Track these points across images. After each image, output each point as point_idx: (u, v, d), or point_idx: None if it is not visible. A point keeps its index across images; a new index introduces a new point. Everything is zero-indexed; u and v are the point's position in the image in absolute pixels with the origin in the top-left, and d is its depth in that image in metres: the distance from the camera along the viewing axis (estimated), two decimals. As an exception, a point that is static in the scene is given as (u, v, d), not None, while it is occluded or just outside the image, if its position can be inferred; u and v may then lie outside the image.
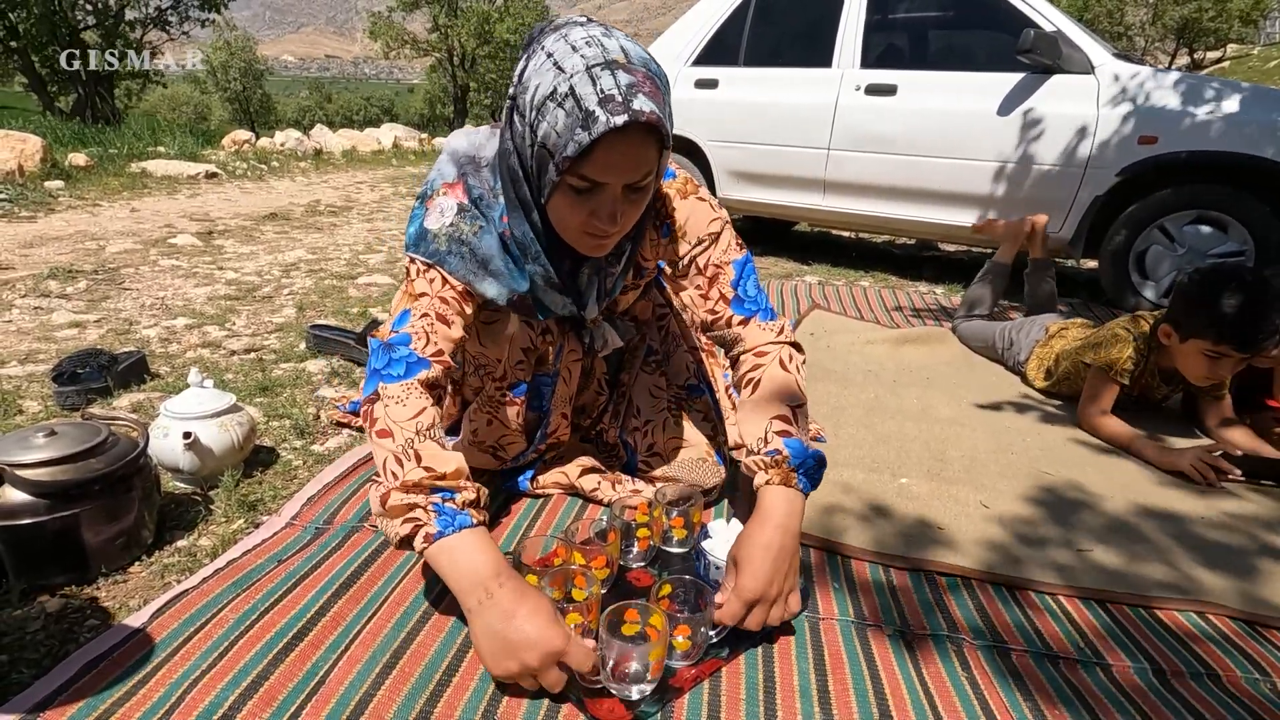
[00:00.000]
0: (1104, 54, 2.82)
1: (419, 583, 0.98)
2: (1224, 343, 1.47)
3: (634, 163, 0.86)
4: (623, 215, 0.90)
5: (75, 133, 7.31)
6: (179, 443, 1.18)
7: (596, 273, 1.06)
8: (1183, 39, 22.25)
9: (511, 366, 1.11)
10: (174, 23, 17.22)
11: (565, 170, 0.85)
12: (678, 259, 1.11)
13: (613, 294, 1.10)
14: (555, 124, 0.83)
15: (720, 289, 1.10)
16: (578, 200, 0.89)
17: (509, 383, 1.12)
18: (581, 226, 0.92)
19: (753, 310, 1.10)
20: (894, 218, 3.29)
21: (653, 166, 0.88)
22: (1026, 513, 1.26)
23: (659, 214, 1.09)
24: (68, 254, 3.02)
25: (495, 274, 0.99)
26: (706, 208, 1.10)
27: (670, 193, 1.09)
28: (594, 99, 0.81)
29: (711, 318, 1.12)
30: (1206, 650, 0.96)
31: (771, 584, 0.87)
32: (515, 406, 1.14)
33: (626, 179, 0.87)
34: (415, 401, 0.90)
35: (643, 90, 0.82)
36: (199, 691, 0.76)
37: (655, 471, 1.22)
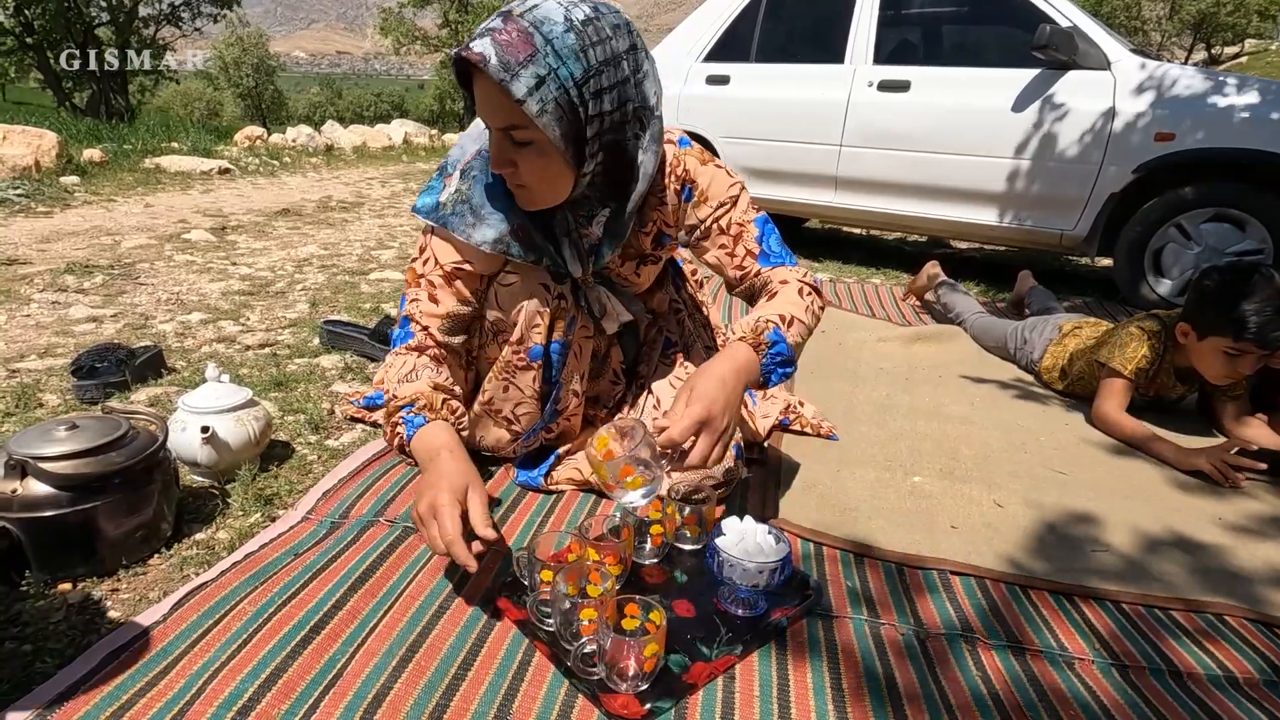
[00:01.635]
0: (1121, 50, 2.79)
1: (434, 577, 0.99)
2: (1243, 341, 1.45)
3: (486, 104, 0.94)
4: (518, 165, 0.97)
5: (90, 129, 7.38)
6: (197, 437, 1.19)
7: (567, 233, 1.10)
8: (1200, 34, 21.98)
9: (528, 330, 1.14)
10: (186, 19, 17.33)
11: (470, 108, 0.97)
12: (700, 222, 1.17)
13: (600, 257, 1.13)
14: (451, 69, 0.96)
15: (746, 245, 1.18)
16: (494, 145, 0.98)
17: (526, 347, 1.15)
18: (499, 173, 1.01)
19: (778, 262, 1.18)
20: (906, 215, 3.27)
21: (513, 120, 0.93)
22: (1040, 513, 1.26)
23: (680, 179, 1.16)
24: (84, 249, 3.05)
25: (485, 218, 1.08)
26: (724, 174, 1.18)
27: (691, 160, 1.16)
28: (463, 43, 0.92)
29: (740, 273, 1.20)
30: (1223, 652, 0.95)
31: (721, 412, 0.93)
32: (531, 371, 1.17)
33: (491, 120, 0.96)
34: (399, 359, 1.10)
35: (496, 38, 0.89)
36: (219, 683, 0.77)
37: None
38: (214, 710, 0.74)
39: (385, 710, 0.76)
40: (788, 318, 1.07)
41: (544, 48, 0.90)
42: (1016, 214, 2.99)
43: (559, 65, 0.91)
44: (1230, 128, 2.54)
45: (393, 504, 1.15)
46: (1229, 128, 2.54)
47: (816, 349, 2.13)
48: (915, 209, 3.23)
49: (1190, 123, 2.60)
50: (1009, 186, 2.96)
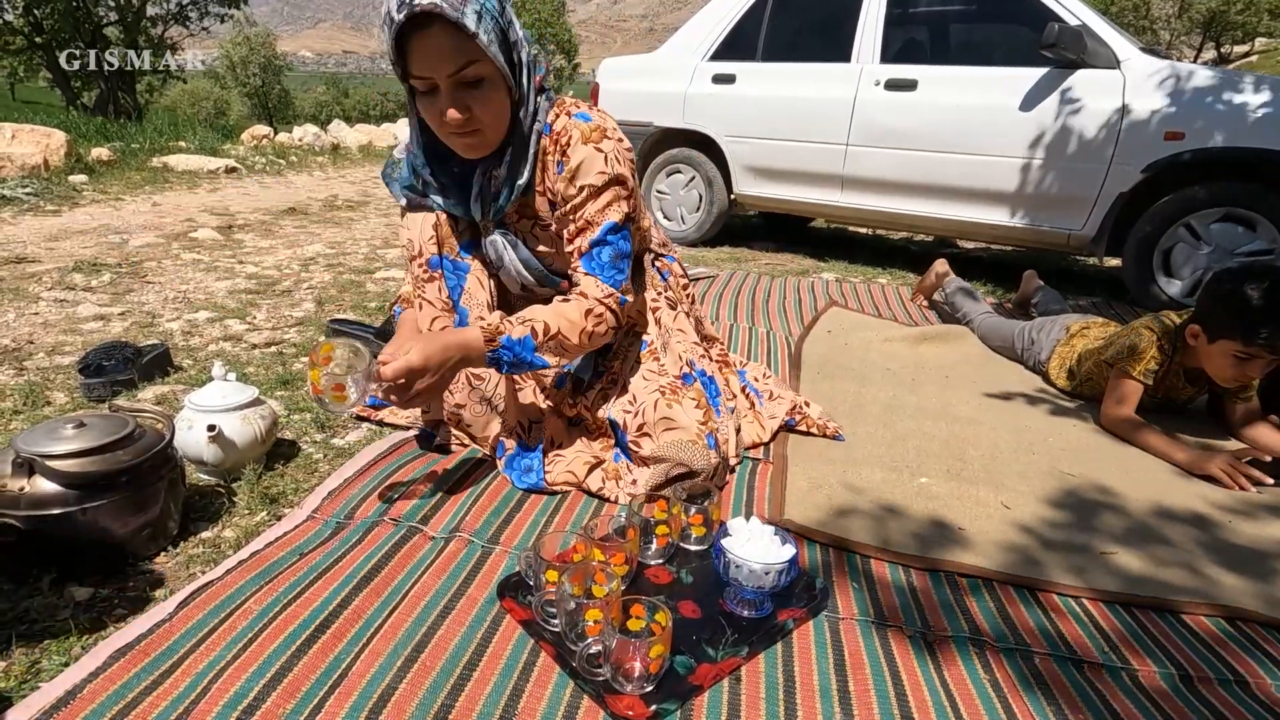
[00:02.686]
0: (1130, 48, 2.77)
1: (439, 577, 0.98)
2: (1255, 344, 1.44)
3: (439, 53, 1.00)
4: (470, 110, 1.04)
5: (98, 128, 7.41)
6: (203, 435, 1.19)
7: (483, 174, 1.17)
8: (1209, 33, 21.84)
9: (424, 242, 1.24)
10: (194, 18, 17.40)
11: (404, 77, 1.04)
12: (564, 200, 1.20)
13: (499, 201, 1.19)
14: (383, 39, 1.02)
15: (580, 243, 1.20)
16: (428, 102, 1.06)
17: (425, 257, 1.25)
18: (440, 127, 1.08)
19: (595, 271, 1.19)
20: (912, 214, 3.26)
21: (470, 56, 1.01)
22: (1048, 514, 1.25)
23: (561, 150, 1.18)
24: (92, 247, 3.06)
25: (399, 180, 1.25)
26: (601, 159, 1.16)
27: (575, 134, 1.17)
28: (395, 4, 0.97)
29: (570, 265, 1.24)
30: (1233, 655, 0.94)
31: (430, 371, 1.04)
32: (435, 282, 1.25)
33: (443, 70, 1.01)
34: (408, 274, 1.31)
35: None
36: (224, 681, 0.78)
37: (644, 451, 1.22)
38: (219, 709, 0.74)
39: (390, 710, 0.76)
40: (551, 330, 1.14)
41: None
42: (1024, 213, 2.97)
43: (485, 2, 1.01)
44: (1241, 127, 2.52)
45: (398, 503, 1.15)
46: (1239, 127, 2.52)
47: (823, 349, 2.12)
48: (922, 208, 3.21)
49: (1200, 122, 2.58)
50: (1016, 186, 2.95)
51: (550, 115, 1.19)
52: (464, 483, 1.24)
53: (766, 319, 2.43)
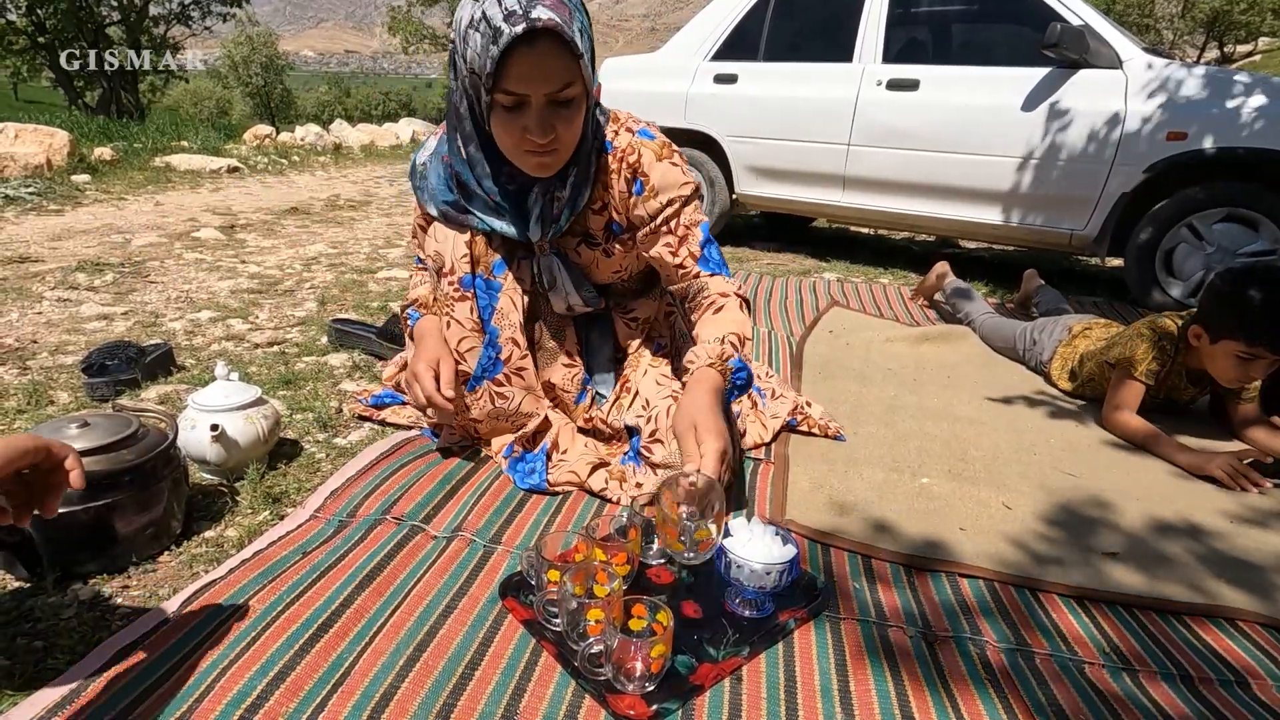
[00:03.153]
0: (1132, 48, 2.77)
1: (441, 576, 0.99)
2: (1258, 345, 1.44)
3: (546, 72, 0.98)
4: (554, 128, 1.02)
5: (101, 127, 7.43)
6: (206, 435, 1.19)
7: (544, 194, 1.16)
8: (1213, 32, 21.78)
9: (457, 260, 1.22)
10: (196, 18, 17.43)
11: (492, 89, 0.99)
12: (650, 217, 1.20)
13: (560, 222, 1.18)
14: (476, 47, 0.97)
15: (689, 248, 1.22)
16: (510, 118, 1.02)
17: (458, 275, 1.22)
18: (518, 144, 1.05)
19: (717, 270, 1.23)
20: (914, 214, 3.26)
21: (570, 77, 1.00)
22: (1050, 515, 1.25)
23: (633, 170, 1.19)
24: (95, 247, 3.07)
25: (432, 197, 1.22)
26: (679, 171, 1.20)
27: (647, 153, 1.18)
28: (499, 16, 0.94)
29: (680, 272, 1.24)
30: (1235, 657, 0.94)
31: (725, 436, 0.98)
32: (467, 302, 1.23)
33: (544, 89, 0.99)
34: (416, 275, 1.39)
35: (543, 2, 0.95)
36: (228, 680, 0.78)
37: (655, 457, 1.22)
38: (222, 708, 0.74)
39: (393, 709, 0.76)
40: (740, 338, 1.14)
41: (570, 3, 0.99)
42: (1026, 214, 2.97)
43: (581, 16, 1.01)
44: (1244, 127, 2.51)
45: (400, 502, 1.15)
46: (1242, 127, 2.52)
47: (824, 349, 2.12)
48: (923, 208, 3.21)
49: (1203, 122, 2.57)
50: (1018, 186, 2.94)
51: (609, 132, 1.19)
52: (466, 482, 1.25)
53: (768, 318, 2.44)
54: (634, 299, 1.38)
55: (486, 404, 1.28)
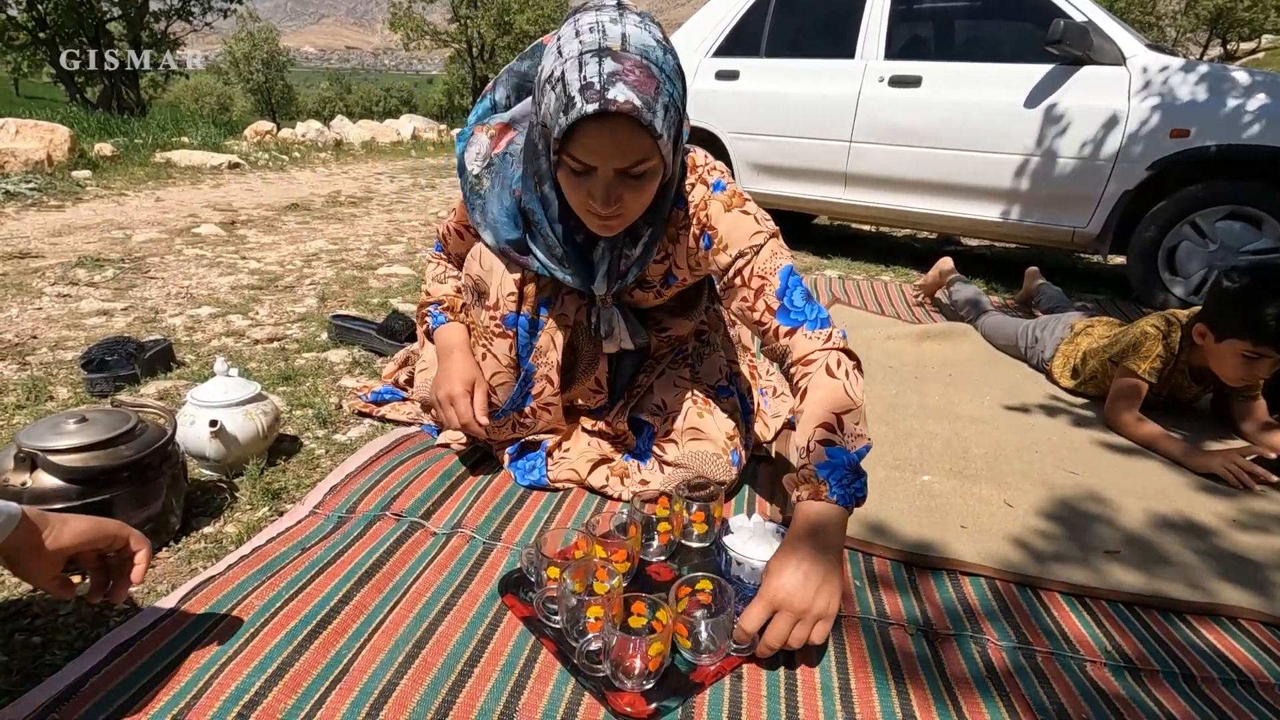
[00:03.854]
0: (1136, 45, 2.76)
1: (441, 573, 0.98)
2: (1264, 344, 1.43)
3: (617, 149, 0.90)
4: (621, 199, 0.95)
5: (102, 123, 7.42)
6: (205, 430, 1.19)
7: (611, 249, 1.09)
8: (1216, 29, 21.72)
9: (503, 296, 1.15)
10: (196, 14, 17.40)
11: (558, 150, 0.92)
12: (722, 271, 1.10)
13: (626, 279, 1.12)
14: (549, 106, 0.90)
15: (766, 300, 1.08)
16: (576, 180, 0.95)
17: (501, 313, 1.16)
18: (582, 205, 0.98)
19: (799, 321, 1.07)
20: (916, 211, 3.25)
21: (645, 155, 0.91)
22: (1052, 513, 1.24)
23: (701, 225, 1.10)
24: (95, 243, 3.06)
25: (490, 227, 1.11)
26: (750, 220, 1.09)
27: (716, 206, 1.09)
28: (576, 85, 0.86)
29: (761, 330, 1.11)
30: (1238, 656, 0.94)
31: (796, 595, 0.81)
32: (507, 339, 1.18)
33: (613, 164, 0.91)
34: (437, 265, 1.32)
35: (625, 79, 0.86)
36: (226, 676, 0.78)
37: (668, 455, 1.22)
38: (221, 704, 0.74)
39: (392, 706, 0.76)
40: (833, 424, 0.94)
41: (660, 76, 0.89)
42: (1028, 211, 2.96)
43: (672, 89, 0.91)
44: (1247, 124, 2.50)
45: (400, 499, 1.15)
46: (1246, 124, 2.50)
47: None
48: (926, 205, 3.20)
49: (1206, 119, 2.56)
50: (1021, 183, 2.93)
51: (687, 184, 1.10)
52: (466, 479, 1.24)
53: (769, 316, 2.43)
54: (670, 318, 1.32)
55: (508, 432, 1.27)
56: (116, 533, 0.75)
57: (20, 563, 0.69)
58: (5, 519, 0.66)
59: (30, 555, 0.69)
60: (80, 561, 0.74)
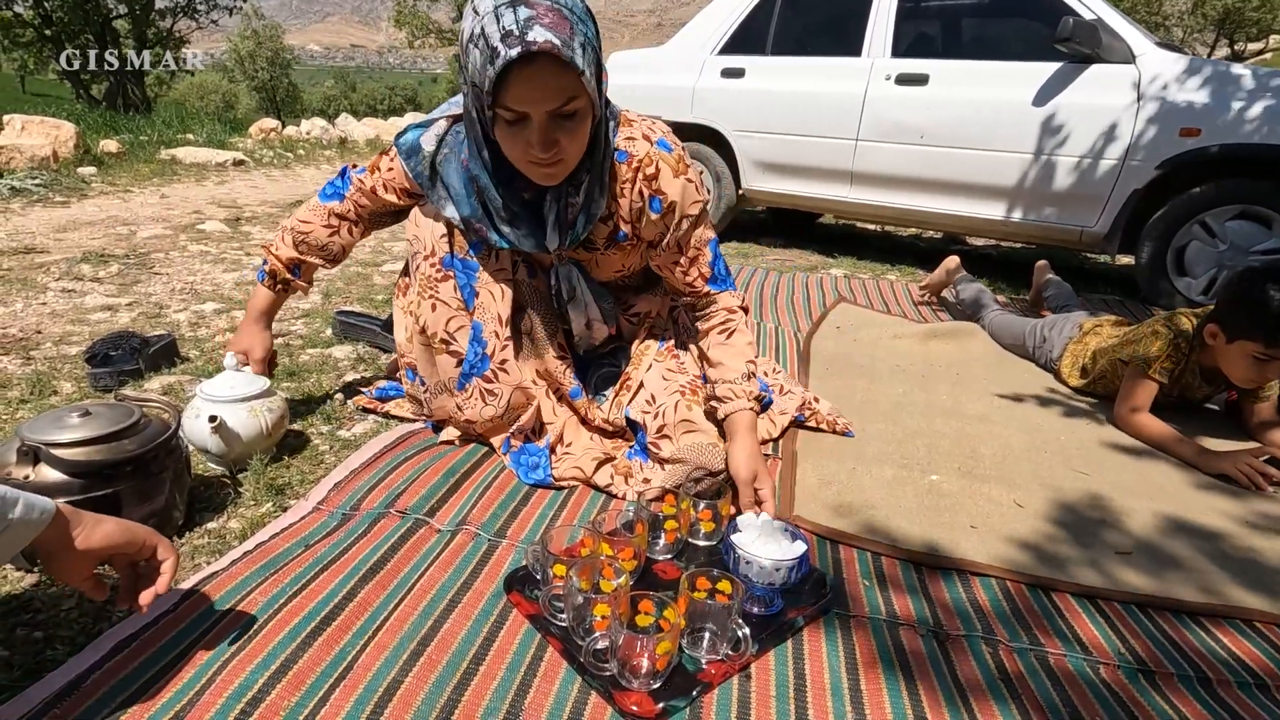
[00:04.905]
0: (1146, 43, 2.74)
1: (445, 570, 0.98)
2: (1275, 346, 1.42)
3: (546, 91, 0.95)
4: (558, 143, 0.99)
5: (107, 120, 7.43)
6: (207, 425, 1.18)
7: (556, 200, 1.13)
8: (1223, 29, 21.62)
9: (437, 240, 1.22)
10: (202, 11, 17.42)
11: (491, 105, 0.96)
12: (662, 234, 1.21)
13: (575, 229, 1.16)
14: (475, 63, 0.95)
15: (700, 268, 1.26)
16: (512, 132, 0.99)
17: (439, 256, 1.22)
18: (522, 157, 1.02)
19: (725, 286, 1.29)
20: (923, 210, 3.23)
21: (572, 92, 0.96)
22: (1062, 513, 1.23)
23: (650, 184, 1.16)
24: (100, 238, 3.06)
25: (453, 199, 1.16)
26: (694, 188, 1.19)
27: (665, 169, 1.16)
28: (497, 36, 0.92)
29: (689, 290, 1.29)
30: (1253, 658, 0.93)
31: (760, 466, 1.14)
32: (449, 281, 1.22)
33: (545, 107, 0.96)
34: (315, 212, 1.34)
35: (541, 22, 0.92)
36: (229, 673, 0.77)
37: (664, 453, 1.21)
38: (224, 701, 0.73)
39: (396, 704, 0.75)
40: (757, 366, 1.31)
41: (571, 18, 0.95)
42: (1035, 210, 2.94)
43: (585, 29, 0.97)
44: (1257, 123, 2.48)
45: (404, 496, 1.14)
46: (1256, 123, 2.48)
47: (831, 345, 2.10)
48: (932, 204, 3.18)
49: (1216, 118, 2.54)
50: (1028, 182, 2.91)
51: (621, 138, 1.16)
52: (471, 476, 1.23)
53: (775, 314, 2.42)
54: (634, 295, 1.37)
55: (478, 402, 1.25)
56: (146, 539, 0.74)
57: (52, 559, 0.69)
58: (41, 514, 0.66)
59: (61, 552, 0.69)
60: (112, 565, 0.74)
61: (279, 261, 1.34)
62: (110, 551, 0.72)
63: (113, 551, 0.72)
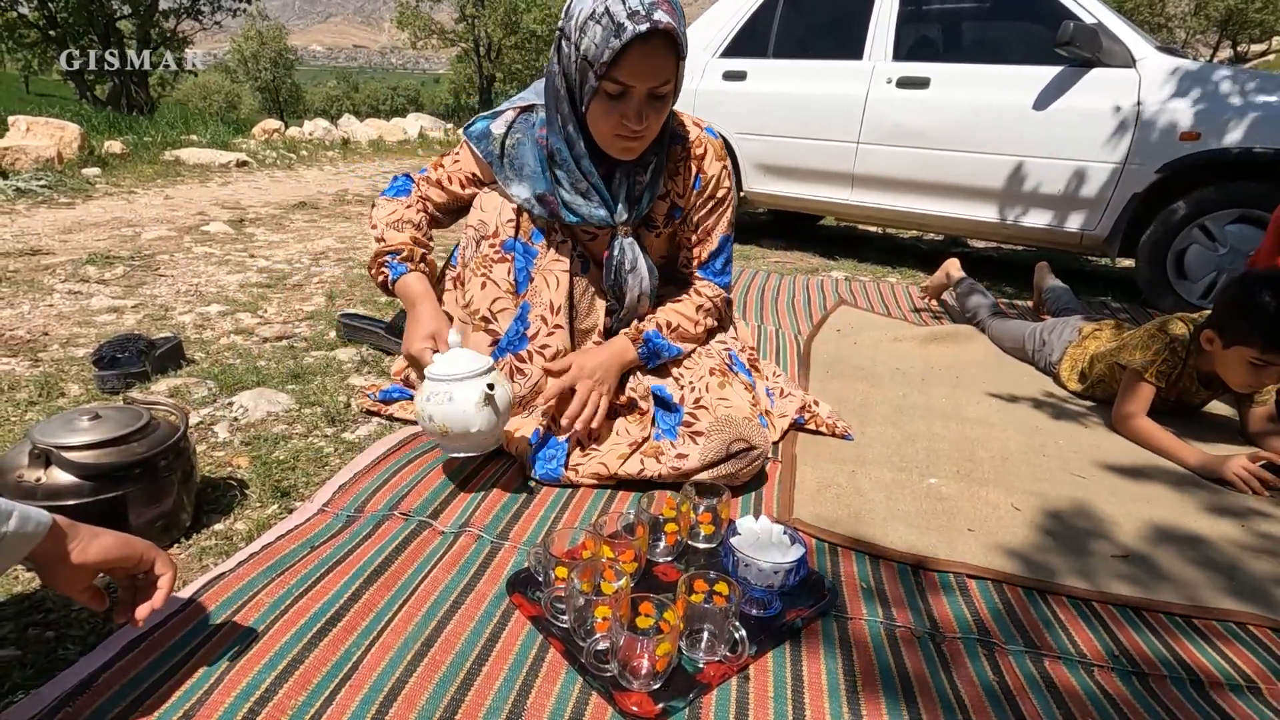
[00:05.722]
0: (1146, 47, 2.75)
1: (449, 572, 0.99)
2: (1271, 352, 1.43)
3: (655, 68, 1.08)
4: (647, 118, 1.12)
5: (111, 121, 7.46)
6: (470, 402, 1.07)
7: (626, 177, 1.24)
8: (1226, 31, 21.59)
9: (502, 223, 1.28)
10: (206, 12, 17.46)
11: (603, 76, 1.07)
12: (689, 210, 1.32)
13: (641, 205, 1.27)
14: (594, 38, 1.06)
15: (700, 251, 1.38)
16: (610, 105, 1.11)
17: (500, 239, 1.29)
18: (613, 129, 1.13)
19: (712, 278, 1.40)
20: (923, 213, 3.24)
21: (671, 75, 1.10)
22: (1059, 517, 1.24)
23: (698, 164, 1.30)
24: (105, 240, 3.08)
25: (526, 178, 1.25)
26: (726, 175, 1.33)
27: (710, 152, 1.30)
28: (623, 13, 1.04)
29: (685, 267, 1.41)
30: (1246, 661, 0.94)
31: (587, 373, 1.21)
32: (505, 263, 1.29)
33: (650, 83, 1.09)
34: (390, 205, 1.34)
35: (661, 8, 1.05)
36: (237, 672, 0.78)
37: (702, 423, 1.23)
38: (232, 700, 0.75)
39: (401, 703, 0.76)
40: (673, 324, 1.34)
41: (678, 9, 1.09)
42: (1036, 213, 2.96)
43: (683, 20, 1.10)
44: (1257, 127, 2.49)
45: (408, 498, 1.16)
46: (1256, 127, 2.49)
47: (832, 348, 2.11)
48: (933, 207, 3.20)
49: (1216, 122, 2.55)
50: (1029, 185, 2.93)
51: (675, 122, 1.29)
52: (474, 478, 1.25)
53: (775, 317, 2.43)
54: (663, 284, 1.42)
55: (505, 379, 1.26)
56: (144, 554, 0.74)
57: (48, 571, 0.69)
58: (36, 527, 0.66)
59: (57, 566, 0.69)
60: (111, 578, 0.74)
61: (406, 244, 1.29)
62: (107, 565, 0.71)
63: (109, 565, 0.71)
